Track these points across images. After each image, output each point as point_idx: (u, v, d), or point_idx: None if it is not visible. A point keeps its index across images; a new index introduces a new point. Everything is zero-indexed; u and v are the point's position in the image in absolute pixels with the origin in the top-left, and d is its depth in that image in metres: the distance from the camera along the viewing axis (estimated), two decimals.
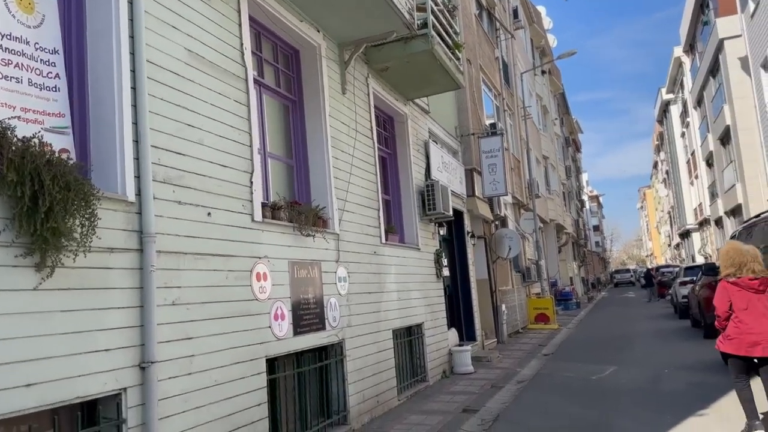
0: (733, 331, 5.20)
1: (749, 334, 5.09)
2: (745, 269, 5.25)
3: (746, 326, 5.11)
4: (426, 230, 9.99)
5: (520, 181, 19.54)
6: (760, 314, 5.11)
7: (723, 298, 5.30)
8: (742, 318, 5.16)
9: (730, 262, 5.37)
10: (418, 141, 10.10)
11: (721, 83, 25.45)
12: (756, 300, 5.15)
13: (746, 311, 5.15)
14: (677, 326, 15.70)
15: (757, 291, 5.18)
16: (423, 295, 9.38)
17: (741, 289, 5.22)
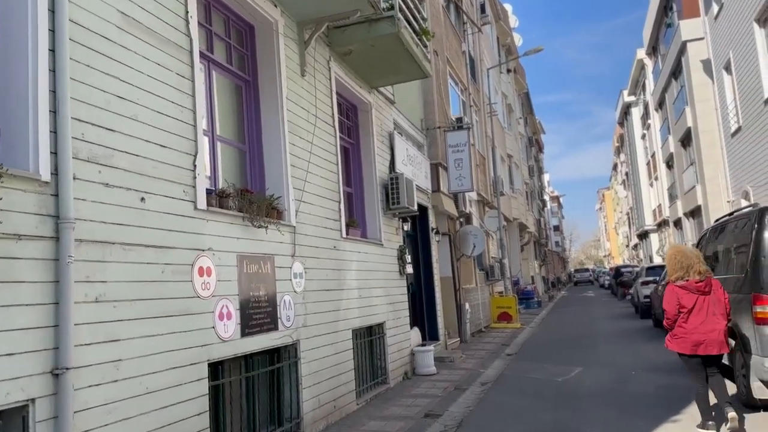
0: (681, 331, 5.44)
1: (695, 334, 5.35)
2: (692, 272, 5.46)
3: (693, 326, 5.36)
4: (389, 225, 9.54)
5: (485, 178, 19.28)
6: (705, 315, 5.35)
7: (672, 301, 5.50)
8: (689, 319, 5.39)
9: (678, 266, 5.54)
10: (382, 132, 9.64)
11: (683, 85, 25.72)
12: (702, 301, 5.39)
13: (693, 312, 5.38)
14: (640, 326, 15.65)
15: (703, 293, 5.41)
16: (385, 293, 8.94)
17: (689, 292, 5.42)
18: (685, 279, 5.47)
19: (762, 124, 15.64)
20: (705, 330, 5.31)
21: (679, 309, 5.43)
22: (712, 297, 5.39)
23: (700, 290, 5.40)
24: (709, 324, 5.32)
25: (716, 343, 5.31)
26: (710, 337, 5.30)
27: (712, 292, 5.41)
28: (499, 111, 25.12)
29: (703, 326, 5.32)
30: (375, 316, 8.43)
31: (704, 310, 5.35)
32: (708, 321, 5.32)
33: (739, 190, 18.62)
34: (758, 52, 15.29)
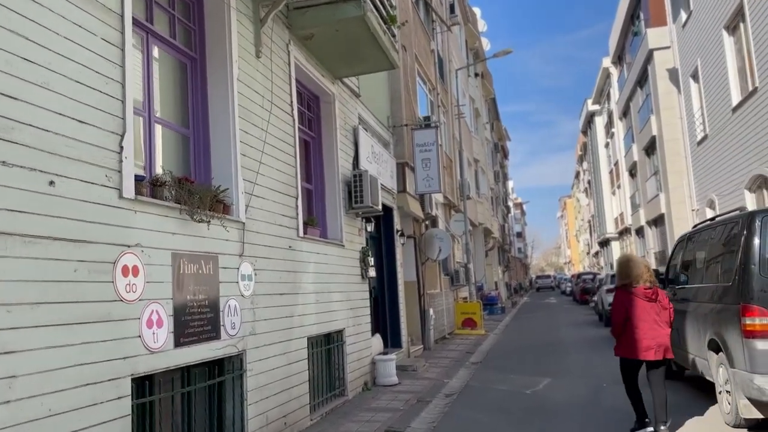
0: (629, 337, 5.53)
1: (643, 340, 5.45)
2: (641, 280, 5.56)
3: (641, 332, 5.46)
4: (352, 225, 8.94)
5: (452, 181, 18.84)
6: (652, 321, 5.46)
7: (620, 307, 5.60)
8: (637, 325, 5.48)
9: (627, 273, 5.66)
10: (346, 126, 9.04)
11: (649, 94, 25.83)
12: (649, 308, 5.50)
13: (640, 319, 5.48)
14: (605, 334, 15.36)
15: (650, 299, 5.52)
16: (345, 297, 8.32)
17: (636, 298, 5.52)
18: (633, 286, 5.58)
19: (729, 133, 15.57)
20: (652, 336, 5.44)
21: (626, 315, 5.53)
22: (657, 305, 5.53)
23: (647, 297, 5.52)
24: (655, 330, 5.45)
25: (663, 348, 5.47)
26: (657, 342, 5.45)
27: (658, 300, 5.54)
28: (467, 114, 24.78)
29: (650, 332, 5.45)
30: (334, 323, 7.81)
31: (650, 317, 5.48)
32: (654, 327, 5.46)
33: (704, 198, 18.61)
34: (727, 60, 15.22)
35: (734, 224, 5.74)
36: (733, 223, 5.80)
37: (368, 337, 9.27)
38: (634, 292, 5.55)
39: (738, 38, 14.81)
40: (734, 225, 5.74)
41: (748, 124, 14.17)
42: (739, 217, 5.61)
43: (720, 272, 5.90)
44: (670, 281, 8.07)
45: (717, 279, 5.98)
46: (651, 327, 5.45)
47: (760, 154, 13.61)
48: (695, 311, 6.57)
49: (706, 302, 6.19)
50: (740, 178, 15.06)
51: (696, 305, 6.55)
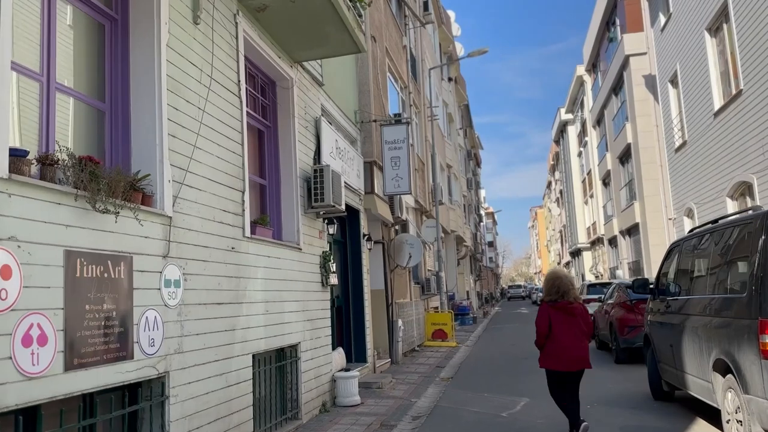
0: (552, 349, 5.75)
1: (566, 352, 5.70)
2: (566, 296, 5.79)
3: (564, 344, 5.69)
4: (311, 227, 8.01)
5: (424, 185, 18.03)
6: (573, 335, 5.70)
7: (544, 320, 5.80)
8: (560, 338, 5.71)
9: (555, 290, 5.86)
10: (306, 116, 8.12)
11: (624, 101, 25.46)
12: (572, 322, 5.73)
13: (563, 332, 5.71)
14: None
15: (572, 314, 5.74)
16: (302, 307, 7.38)
17: (559, 312, 5.76)
18: (558, 301, 5.80)
19: (710, 138, 15.06)
20: (573, 349, 5.69)
21: (550, 328, 5.73)
22: (578, 318, 5.76)
23: (569, 311, 5.74)
24: (577, 342, 5.70)
25: (583, 360, 5.75)
26: (578, 355, 5.70)
27: (579, 314, 5.77)
28: (440, 117, 24.06)
29: (572, 345, 5.69)
30: (287, 337, 6.85)
31: (572, 331, 5.71)
32: (575, 341, 5.70)
33: (682, 207, 18.12)
34: (709, 63, 14.73)
35: (746, 226, 4.97)
36: (743, 225, 5.03)
37: (328, 351, 8.32)
38: (558, 306, 5.78)
39: (721, 40, 14.33)
40: (746, 226, 4.97)
41: (731, 128, 13.65)
42: (754, 217, 4.83)
43: (728, 282, 5.12)
44: (661, 292, 7.32)
45: (725, 289, 5.20)
46: (572, 340, 5.69)
47: (744, 160, 13.08)
48: (695, 326, 5.79)
49: (710, 316, 5.41)
50: (721, 186, 14.54)
51: (696, 319, 5.77)
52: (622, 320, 11.06)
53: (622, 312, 11.23)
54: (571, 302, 5.78)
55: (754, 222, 4.75)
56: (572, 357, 5.70)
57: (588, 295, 16.77)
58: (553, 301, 5.81)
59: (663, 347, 6.97)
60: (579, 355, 5.71)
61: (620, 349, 11.09)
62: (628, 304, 11.18)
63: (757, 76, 12.12)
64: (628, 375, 9.85)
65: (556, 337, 5.72)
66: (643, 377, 9.15)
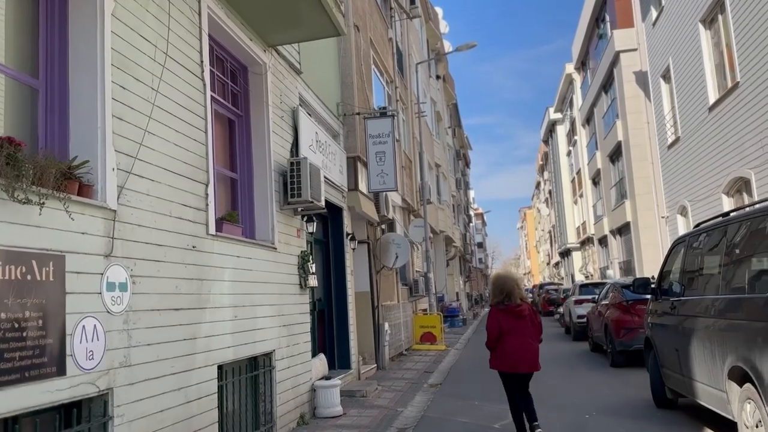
0: (502, 351, 5.81)
1: (515, 353, 5.75)
2: (513, 297, 5.85)
3: (513, 346, 5.74)
4: (288, 225, 7.43)
5: (412, 183, 17.48)
6: (523, 336, 5.75)
7: (494, 322, 5.85)
8: (509, 340, 5.76)
9: (500, 291, 5.95)
10: (282, 105, 7.54)
11: (615, 98, 25.08)
12: (521, 324, 5.78)
13: (513, 334, 5.76)
14: (575, 350, 14.16)
15: (521, 316, 5.80)
16: (277, 312, 6.79)
17: (508, 315, 5.81)
18: (505, 303, 5.86)
19: (704, 134, 14.64)
20: (523, 350, 5.74)
21: (500, 331, 5.78)
22: (527, 320, 5.80)
23: (518, 314, 5.79)
24: (525, 344, 5.75)
25: (533, 362, 5.81)
26: (527, 356, 5.75)
27: (528, 316, 5.81)
28: (428, 114, 23.54)
29: (521, 347, 5.74)
30: (259, 344, 6.26)
31: (521, 332, 5.76)
32: (525, 342, 5.75)
33: (675, 205, 17.71)
34: (703, 56, 14.30)
35: (765, 217, 4.45)
36: (763, 216, 4.51)
37: (307, 358, 7.73)
38: (507, 309, 5.83)
39: (716, 32, 13.90)
40: (765, 218, 4.44)
41: (727, 123, 13.22)
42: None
43: (746, 280, 4.60)
44: (664, 292, 6.80)
45: (741, 289, 4.68)
46: (521, 342, 5.74)
47: (741, 155, 12.64)
48: (705, 329, 5.27)
49: (724, 318, 4.89)
50: (717, 182, 14.11)
51: (707, 322, 5.25)
52: (617, 322, 10.57)
53: (617, 313, 10.74)
54: (519, 304, 5.86)
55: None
56: (522, 359, 5.77)
57: (580, 296, 16.27)
58: (501, 303, 5.90)
59: (667, 352, 6.46)
60: (528, 357, 5.78)
61: (616, 352, 10.59)
62: (625, 304, 10.69)
63: (754, 68, 11.68)
64: (626, 380, 9.35)
65: (506, 340, 5.79)
66: (643, 382, 8.65)
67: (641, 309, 10.42)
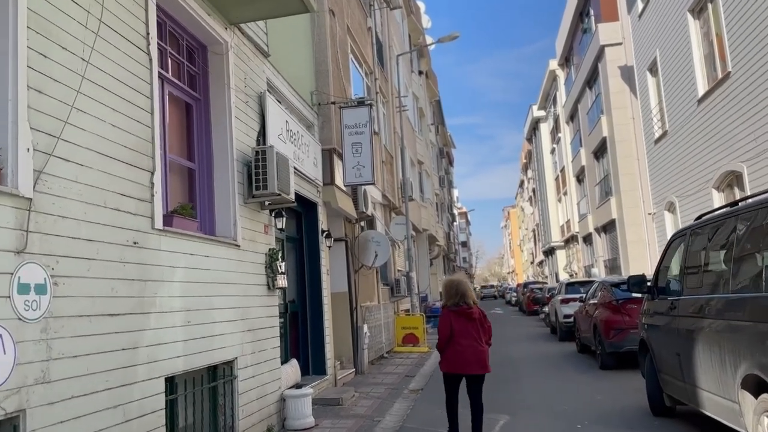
0: (452, 353, 5.84)
1: (465, 355, 5.78)
2: (466, 299, 5.92)
3: (463, 347, 5.78)
4: (254, 220, 6.80)
5: (393, 179, 16.90)
6: (472, 339, 5.80)
7: (446, 324, 5.90)
8: (459, 341, 5.80)
9: (454, 293, 6.00)
10: (247, 89, 6.91)
11: (599, 93, 24.71)
12: (471, 326, 5.83)
13: (463, 336, 5.81)
14: (562, 351, 13.67)
15: (471, 318, 5.85)
16: (240, 315, 6.17)
17: (460, 317, 5.86)
18: (458, 305, 5.91)
19: (693, 127, 14.23)
20: (473, 352, 5.78)
21: (450, 332, 5.83)
22: (477, 323, 5.86)
23: (469, 315, 5.85)
24: (475, 347, 5.80)
25: (483, 364, 5.82)
26: (477, 358, 5.79)
27: (478, 319, 5.87)
28: (410, 110, 22.99)
29: (470, 349, 5.78)
30: (218, 352, 5.64)
31: (471, 334, 5.81)
32: (474, 344, 5.80)
33: (662, 201, 17.32)
34: (692, 46, 13.88)
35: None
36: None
37: (276, 365, 7.11)
38: (458, 311, 5.88)
39: (705, 21, 13.49)
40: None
41: (717, 115, 12.80)
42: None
43: (763, 277, 4.07)
44: (661, 291, 6.29)
45: (756, 286, 4.15)
46: (471, 344, 5.79)
47: (732, 148, 12.23)
48: (713, 332, 4.74)
49: (736, 320, 4.36)
50: (706, 177, 13.70)
51: (715, 324, 4.73)
52: (607, 322, 10.07)
53: (607, 313, 10.24)
54: (470, 306, 5.91)
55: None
56: (472, 360, 5.81)
57: (567, 294, 15.80)
58: (455, 305, 5.94)
59: (666, 356, 5.93)
60: (477, 359, 5.82)
61: (606, 353, 10.09)
62: (614, 304, 10.19)
63: (746, 57, 11.26)
64: (618, 384, 8.84)
65: (457, 341, 5.82)
66: (636, 387, 8.16)
67: (632, 309, 9.94)
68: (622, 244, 22.92)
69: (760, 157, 11.03)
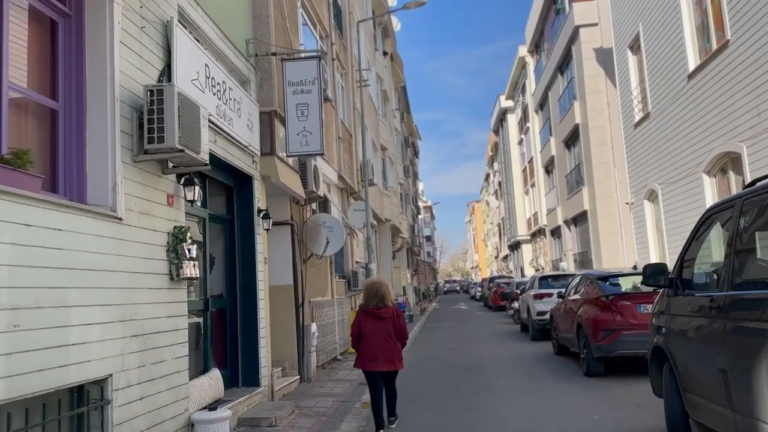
0: (363, 350, 6.21)
1: (373, 352, 6.10)
2: (385, 300, 6.25)
3: (370, 346, 6.13)
4: (149, 186, 5.05)
5: (352, 161, 15.20)
6: (382, 337, 6.13)
7: (356, 324, 6.28)
8: (368, 340, 6.15)
9: (373, 295, 6.32)
10: (143, 11, 5.13)
11: (573, 78, 23.45)
12: (381, 325, 6.15)
13: (372, 335, 6.14)
14: (537, 352, 12.21)
15: (380, 318, 6.17)
16: (120, 315, 4.42)
17: (368, 316, 6.21)
18: (368, 306, 6.28)
19: (682, 106, 12.92)
20: (381, 349, 6.09)
21: (361, 331, 6.18)
22: (389, 322, 6.16)
23: (377, 315, 6.15)
24: (384, 344, 6.12)
25: (392, 360, 6.14)
26: (386, 355, 6.10)
27: (390, 318, 6.17)
28: (373, 91, 21.31)
29: (379, 346, 6.10)
30: (77, 368, 3.89)
31: (380, 332, 6.11)
32: (383, 342, 6.11)
33: (642, 189, 16.05)
34: (682, 17, 12.56)
35: None
36: None
37: (181, 380, 5.38)
38: (368, 311, 6.21)
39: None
40: None
41: (711, 90, 11.48)
42: None
43: None
44: (687, 285, 4.78)
45: None
46: (380, 342, 6.09)
47: (729, 127, 10.91)
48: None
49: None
50: (696, 160, 12.40)
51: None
52: (595, 322, 8.61)
53: (595, 311, 8.78)
54: (379, 307, 6.17)
55: None
56: (380, 357, 6.06)
57: (540, 290, 14.35)
58: (365, 305, 6.28)
59: (699, 371, 4.42)
60: (388, 356, 6.09)
61: (593, 358, 8.63)
62: (604, 300, 8.74)
63: (749, 22, 9.93)
64: (612, 398, 7.34)
65: (367, 340, 6.13)
66: (636, 402, 6.72)
67: (624, 306, 8.52)
68: (594, 236, 21.73)
69: (764, 135, 9.71)
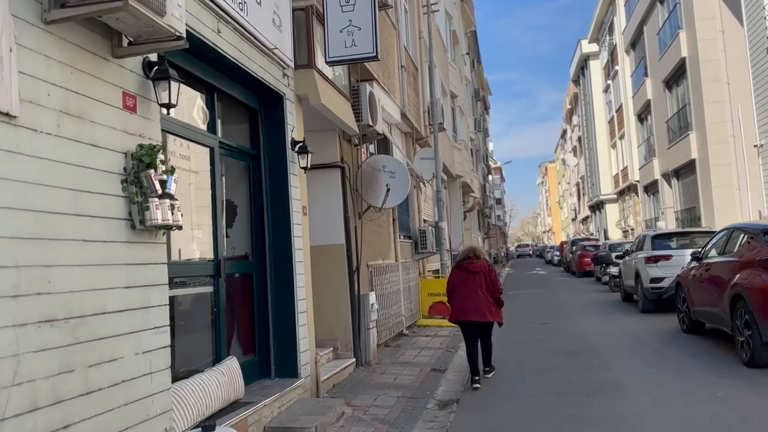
0: (453, 303, 6.68)
1: (462, 303, 6.52)
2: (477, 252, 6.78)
3: (461, 298, 6.53)
4: (82, 72, 3.02)
5: (418, 99, 12.88)
6: (471, 290, 6.48)
7: (450, 279, 6.83)
8: (458, 292, 6.59)
9: (469, 250, 6.87)
10: None
11: (676, 4, 19.96)
12: (473, 279, 6.53)
13: (462, 287, 6.56)
14: (656, 328, 9.66)
15: (471, 272, 6.56)
16: (10, 286, 2.41)
17: (461, 270, 6.66)
18: (462, 261, 6.71)
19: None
20: (471, 301, 6.45)
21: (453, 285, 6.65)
22: (480, 275, 6.50)
23: (468, 269, 6.57)
24: (474, 296, 6.46)
25: (481, 312, 6.43)
26: (474, 307, 6.44)
27: (481, 272, 6.53)
28: (442, 30, 18.75)
29: (468, 298, 6.47)
30: None
31: (470, 285, 6.49)
32: (473, 294, 6.46)
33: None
34: None
35: None
36: None
37: (152, 389, 3.38)
38: (460, 266, 6.68)
39: None
40: None
41: None
42: None
43: None
44: None
45: None
46: (470, 294, 6.46)
47: None
48: None
49: None
50: None
51: None
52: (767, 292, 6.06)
53: (766, 278, 6.22)
54: (472, 261, 6.61)
55: None
56: (469, 308, 6.44)
57: (655, 251, 11.61)
58: (460, 262, 6.75)
59: None
60: (475, 308, 6.42)
61: (762, 343, 6.12)
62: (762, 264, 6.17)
63: None
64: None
65: (458, 292, 6.57)
66: None
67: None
68: (705, 190, 18.56)
69: None
